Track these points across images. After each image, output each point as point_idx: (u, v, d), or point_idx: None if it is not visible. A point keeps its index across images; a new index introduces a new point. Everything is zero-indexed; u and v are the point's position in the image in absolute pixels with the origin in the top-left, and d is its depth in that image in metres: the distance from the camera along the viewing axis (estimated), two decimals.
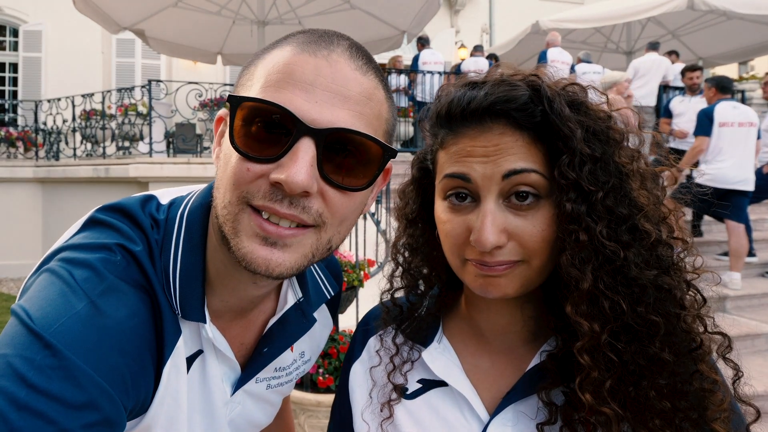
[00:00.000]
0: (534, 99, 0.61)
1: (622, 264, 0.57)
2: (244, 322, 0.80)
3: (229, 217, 0.62)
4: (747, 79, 11.96)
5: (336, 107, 0.60)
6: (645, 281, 0.57)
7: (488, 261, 0.61)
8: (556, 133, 0.60)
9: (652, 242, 0.58)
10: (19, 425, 0.50)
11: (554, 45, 8.04)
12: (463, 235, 0.63)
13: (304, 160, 0.58)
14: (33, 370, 0.52)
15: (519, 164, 0.61)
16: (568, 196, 0.59)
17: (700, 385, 0.56)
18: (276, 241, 0.61)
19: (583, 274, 0.57)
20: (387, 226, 4.23)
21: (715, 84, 4.99)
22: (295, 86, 0.60)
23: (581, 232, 0.58)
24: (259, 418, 0.87)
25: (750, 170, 4.81)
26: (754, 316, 4.30)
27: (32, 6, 10.81)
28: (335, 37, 0.65)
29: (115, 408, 0.58)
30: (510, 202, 0.62)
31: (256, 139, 0.60)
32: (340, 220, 0.65)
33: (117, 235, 0.67)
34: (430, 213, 0.73)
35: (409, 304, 0.79)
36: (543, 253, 0.62)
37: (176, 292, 0.68)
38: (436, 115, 0.69)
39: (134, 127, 7.91)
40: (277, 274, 0.62)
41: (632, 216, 0.59)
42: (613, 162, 0.61)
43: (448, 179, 0.65)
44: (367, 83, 0.64)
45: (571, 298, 0.58)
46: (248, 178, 0.60)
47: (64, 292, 0.59)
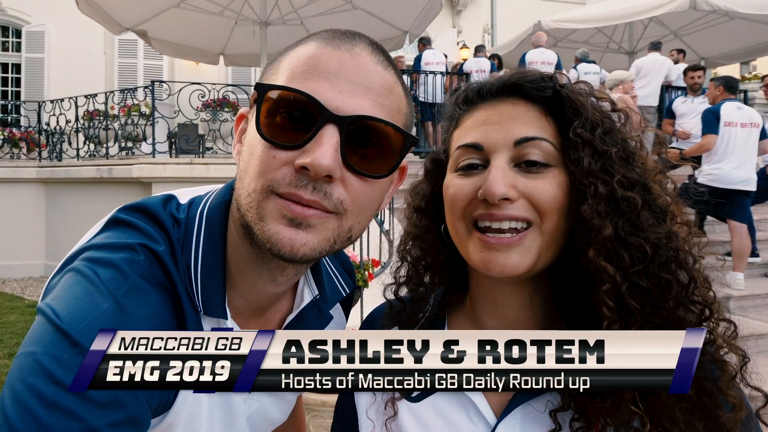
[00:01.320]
0: (545, 79, 0.68)
1: (637, 218, 0.60)
2: (262, 320, 0.81)
3: (253, 204, 0.64)
4: (749, 79, 11.94)
5: (359, 96, 0.62)
6: (657, 239, 0.59)
7: (496, 214, 0.62)
8: (567, 105, 0.65)
9: (662, 207, 0.62)
10: (47, 422, 0.51)
11: (538, 45, 7.99)
12: (472, 194, 0.65)
13: (329, 145, 0.60)
14: (61, 368, 0.53)
15: (531, 132, 0.64)
16: (584, 152, 0.62)
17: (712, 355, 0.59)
18: (301, 221, 0.62)
19: (604, 222, 0.60)
20: (390, 227, 4.24)
21: (723, 83, 4.97)
22: (320, 76, 0.62)
23: (600, 185, 0.61)
24: (275, 415, 0.87)
25: (752, 170, 4.81)
26: (757, 316, 4.30)
27: (35, 7, 10.82)
28: (356, 35, 0.68)
29: (141, 406, 0.59)
30: (520, 168, 0.64)
31: (282, 127, 0.62)
32: (360, 209, 0.66)
33: (140, 234, 0.68)
34: (438, 205, 0.74)
35: (413, 302, 0.79)
36: (554, 215, 0.63)
37: (198, 289, 0.69)
38: (453, 103, 0.74)
39: (137, 128, 7.92)
40: (301, 254, 0.63)
41: (642, 180, 0.62)
42: (620, 134, 0.66)
43: (461, 150, 0.68)
44: (388, 77, 0.66)
45: (593, 246, 0.60)
46: (274, 166, 0.62)
47: (90, 292, 0.60)
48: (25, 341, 0.58)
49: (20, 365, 0.55)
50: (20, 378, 0.54)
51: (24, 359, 0.55)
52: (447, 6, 13.17)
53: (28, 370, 0.54)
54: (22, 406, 0.52)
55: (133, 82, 10.77)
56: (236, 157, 0.72)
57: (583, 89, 0.69)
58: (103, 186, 7.47)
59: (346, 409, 0.82)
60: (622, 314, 0.57)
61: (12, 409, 0.52)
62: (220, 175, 6.43)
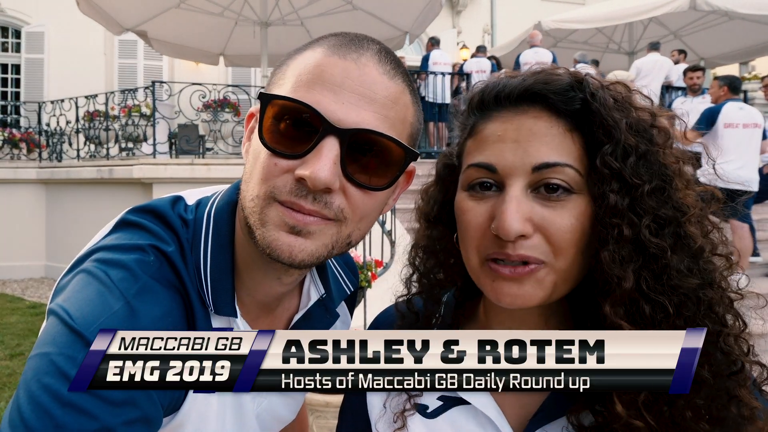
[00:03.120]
0: (575, 86, 0.59)
1: (665, 266, 0.53)
2: (270, 318, 0.82)
3: (256, 209, 0.65)
4: (749, 79, 11.95)
5: (361, 109, 0.62)
6: (687, 290, 0.53)
7: (510, 254, 0.57)
8: (597, 123, 0.56)
9: (696, 249, 0.55)
10: (63, 421, 0.52)
11: (532, 45, 7.95)
12: (485, 224, 0.59)
13: (327, 158, 0.60)
14: (75, 368, 0.53)
15: (552, 157, 0.57)
16: (611, 187, 0.55)
17: (738, 411, 0.53)
18: (301, 229, 0.63)
19: (626, 273, 0.53)
20: (392, 227, 4.24)
21: (728, 83, 4.97)
22: (324, 87, 0.62)
23: (625, 227, 0.54)
24: (283, 414, 0.88)
25: (754, 171, 4.82)
26: (758, 315, 4.30)
27: (34, 7, 10.83)
28: (365, 41, 0.67)
29: (153, 406, 0.60)
30: (538, 193, 0.58)
31: (284, 136, 0.63)
32: (360, 217, 0.67)
33: (149, 236, 0.69)
34: (451, 214, 0.70)
35: (426, 310, 0.75)
36: (569, 251, 0.57)
37: (208, 289, 0.70)
38: (468, 105, 0.67)
39: (137, 129, 7.93)
40: (299, 260, 0.64)
41: (677, 219, 0.55)
42: (657, 160, 0.57)
43: (472, 169, 0.61)
44: (394, 87, 0.66)
45: (610, 299, 0.54)
46: (275, 173, 0.63)
47: (102, 292, 0.61)
48: (38, 342, 0.59)
49: (35, 366, 0.56)
50: (35, 378, 0.55)
51: (38, 360, 0.56)
52: (447, 6, 13.18)
53: (43, 370, 0.55)
54: (38, 406, 0.53)
55: (133, 82, 10.78)
56: (245, 155, 0.73)
57: (620, 96, 0.60)
58: (103, 187, 7.48)
59: (356, 416, 0.78)
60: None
61: (28, 408, 0.53)
62: (220, 176, 6.44)
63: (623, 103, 0.60)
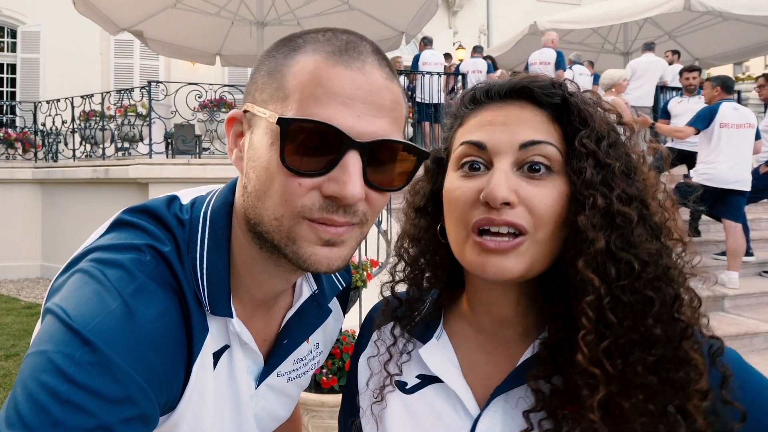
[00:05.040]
0: (555, 85, 0.68)
1: (631, 232, 0.61)
2: (265, 317, 0.82)
3: (283, 228, 0.64)
4: (743, 79, 12.03)
5: (375, 118, 0.63)
6: (647, 257, 0.60)
7: (495, 219, 0.63)
8: (575, 114, 0.65)
9: (657, 224, 0.63)
10: (61, 418, 0.52)
11: (543, 45, 7.97)
12: (473, 197, 0.65)
13: (355, 174, 0.61)
14: (73, 366, 0.54)
15: (537, 136, 0.65)
16: (587, 163, 0.63)
17: (686, 374, 0.58)
18: (335, 240, 0.65)
19: (597, 235, 0.60)
20: (388, 227, 4.25)
21: (721, 83, 4.99)
22: (337, 101, 0.61)
23: (599, 197, 0.61)
24: (279, 412, 0.89)
25: (747, 170, 4.84)
26: (752, 315, 4.34)
27: (30, 7, 10.79)
28: (360, 44, 0.66)
29: (151, 404, 0.60)
30: (523, 172, 0.65)
31: (305, 155, 0.62)
32: (376, 215, 0.70)
33: (145, 235, 0.69)
34: (438, 204, 0.75)
35: (409, 296, 0.81)
36: (549, 225, 0.63)
37: (204, 289, 0.70)
38: (459, 101, 0.74)
39: (134, 128, 7.90)
40: (335, 267, 0.67)
41: (641, 196, 0.63)
42: (625, 148, 0.66)
43: (465, 146, 0.68)
44: (395, 89, 0.67)
45: (584, 257, 0.61)
46: (300, 192, 0.63)
47: (99, 292, 0.60)
48: (35, 341, 0.59)
49: (32, 364, 0.56)
50: (32, 376, 0.54)
51: (36, 358, 0.56)
52: (443, 7, 13.20)
53: (41, 368, 0.54)
54: (36, 403, 0.52)
55: (130, 82, 10.76)
56: (236, 163, 0.72)
57: (591, 99, 0.69)
58: (99, 187, 7.45)
59: (351, 400, 0.85)
60: (600, 326, 0.58)
61: (26, 406, 0.52)
62: (217, 176, 6.43)
63: (595, 103, 0.69)
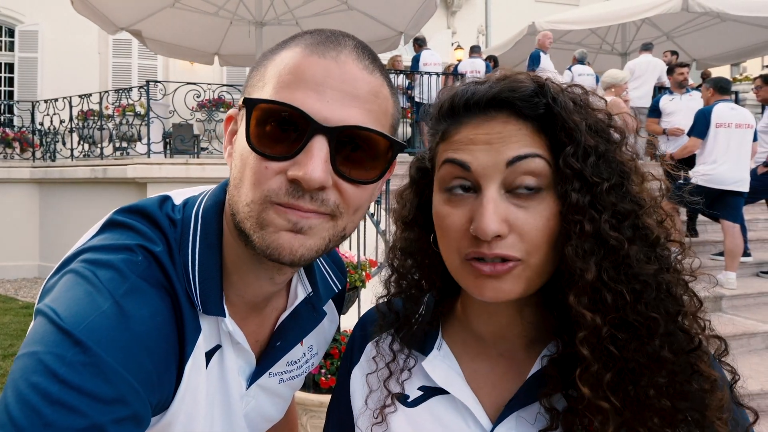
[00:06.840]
0: (538, 92, 0.62)
1: (625, 257, 0.57)
2: (258, 318, 0.82)
3: (253, 214, 0.64)
4: (740, 80, 12.05)
5: (346, 106, 0.63)
6: (646, 277, 0.57)
7: (486, 253, 0.60)
8: (560, 125, 0.60)
9: (653, 240, 0.59)
10: (52, 419, 0.51)
11: (542, 48, 7.97)
12: (464, 227, 0.62)
13: (318, 158, 0.61)
14: (64, 367, 0.54)
15: (523, 150, 0.60)
16: (573, 186, 0.59)
17: (699, 385, 0.56)
18: (302, 226, 0.64)
19: (587, 265, 0.57)
20: (386, 227, 4.25)
21: (713, 85, 5.00)
22: (307, 87, 0.62)
23: (586, 223, 0.58)
24: (271, 413, 0.89)
25: (745, 171, 4.85)
26: (749, 315, 4.34)
27: (28, 6, 10.76)
28: (342, 38, 0.67)
29: (142, 404, 0.59)
30: (512, 195, 0.61)
31: (272, 138, 0.63)
32: (353, 210, 0.68)
33: (137, 236, 0.69)
34: (426, 216, 0.72)
35: (405, 309, 0.78)
36: (542, 249, 0.60)
37: (196, 289, 0.70)
38: (438, 110, 0.69)
39: (132, 128, 7.89)
40: (299, 256, 0.65)
41: (634, 212, 0.59)
42: (615, 159, 0.61)
43: (448, 165, 0.64)
44: (374, 81, 0.66)
45: (574, 290, 0.58)
46: (267, 176, 0.63)
47: (90, 292, 0.60)
48: (26, 342, 0.58)
49: (22, 365, 0.55)
50: (23, 377, 0.54)
51: (26, 359, 0.55)
52: (442, 7, 13.20)
53: (31, 369, 0.54)
54: (26, 404, 0.52)
55: (128, 81, 10.73)
56: (228, 159, 0.72)
57: (578, 100, 0.64)
58: (97, 186, 7.44)
59: (342, 415, 0.81)
60: (602, 356, 0.56)
61: (16, 407, 0.52)
62: (215, 176, 6.42)
63: (582, 105, 0.64)
